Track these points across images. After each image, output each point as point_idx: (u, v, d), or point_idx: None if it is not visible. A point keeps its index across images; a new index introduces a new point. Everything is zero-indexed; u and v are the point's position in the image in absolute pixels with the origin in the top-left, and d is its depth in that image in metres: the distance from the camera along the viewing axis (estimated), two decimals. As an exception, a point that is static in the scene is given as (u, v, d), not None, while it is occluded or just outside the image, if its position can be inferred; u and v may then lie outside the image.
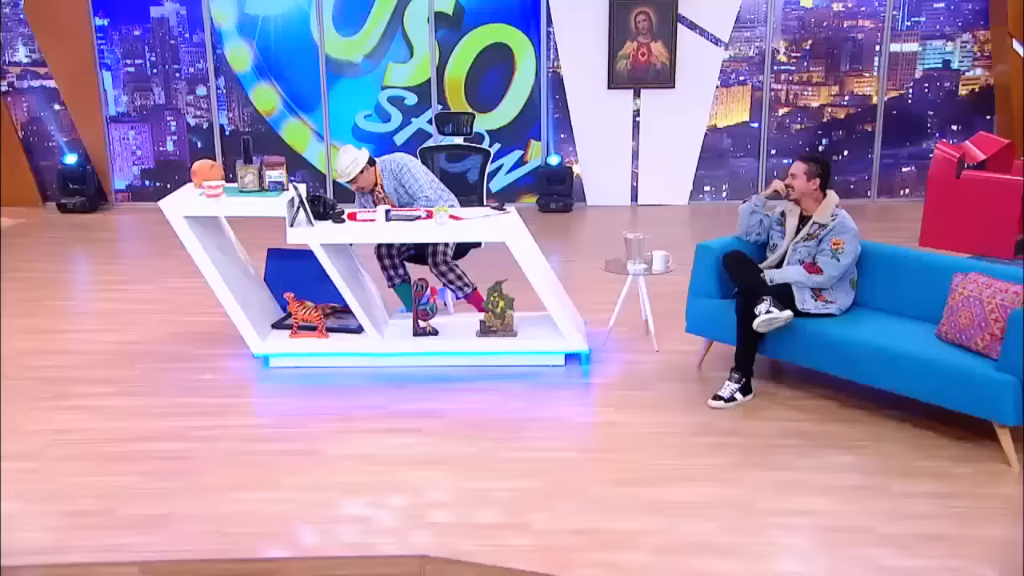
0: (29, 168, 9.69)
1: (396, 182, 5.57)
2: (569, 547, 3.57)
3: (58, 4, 9.23)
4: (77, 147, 9.60)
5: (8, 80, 9.58)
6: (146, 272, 7.47)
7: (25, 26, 9.41)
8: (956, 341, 4.41)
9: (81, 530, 3.67)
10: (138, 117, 9.70)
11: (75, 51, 9.39)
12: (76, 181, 9.48)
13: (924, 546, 3.55)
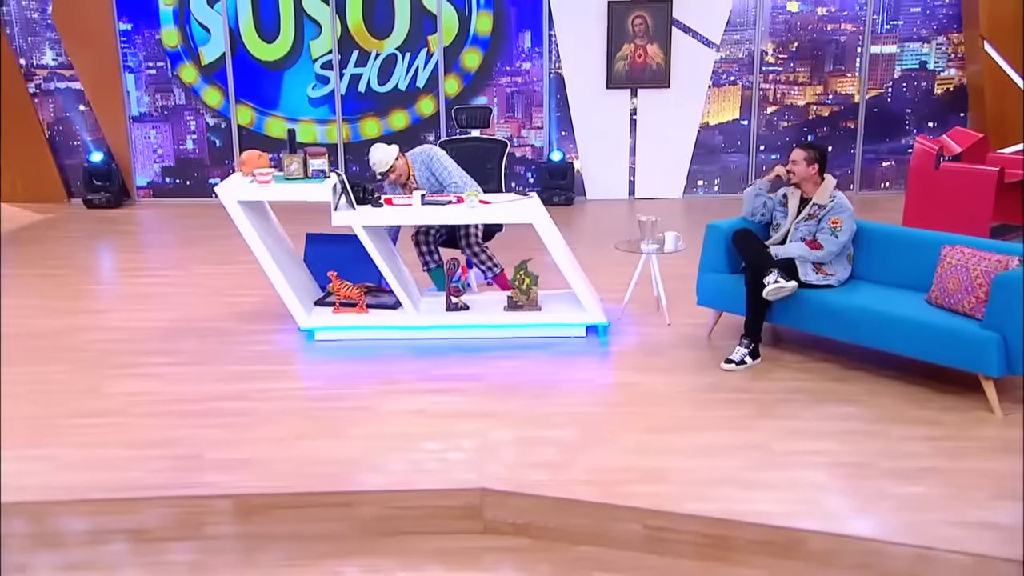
0: (55, 166, 10.01)
1: (427, 171, 5.98)
2: (609, 481, 3.98)
3: (84, 10, 9.57)
4: (102, 146, 9.93)
5: (35, 82, 9.90)
6: (176, 260, 7.82)
7: (52, 31, 9.74)
8: (945, 305, 4.87)
9: (177, 471, 4.05)
10: (159, 117, 10.04)
11: (100, 54, 9.73)
12: (101, 178, 9.81)
13: (921, 477, 3.99)
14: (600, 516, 3.82)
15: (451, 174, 5.98)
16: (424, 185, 6.04)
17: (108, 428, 4.50)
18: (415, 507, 3.92)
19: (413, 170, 6.06)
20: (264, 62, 9.84)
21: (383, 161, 5.92)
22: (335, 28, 9.71)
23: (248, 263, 7.28)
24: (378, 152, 5.95)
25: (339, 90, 9.89)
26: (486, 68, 9.83)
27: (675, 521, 3.74)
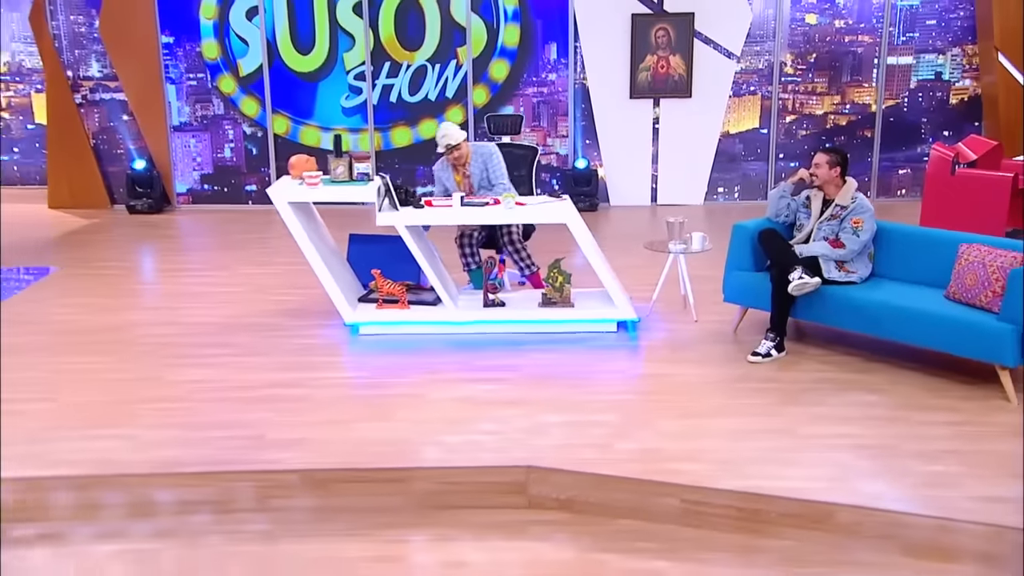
0: (99, 173, 10.34)
1: (483, 166, 6.25)
2: (646, 460, 4.22)
3: (129, 24, 9.90)
4: (144, 154, 10.25)
5: (82, 93, 10.24)
6: (219, 262, 8.10)
7: (99, 44, 10.08)
8: (963, 299, 5.08)
9: (242, 450, 4.31)
10: (199, 126, 10.36)
11: (143, 66, 10.05)
12: (143, 185, 10.12)
13: (941, 457, 4.21)
14: (639, 491, 4.05)
15: (503, 175, 6.28)
16: (474, 177, 6.31)
17: (176, 411, 4.76)
18: (465, 483, 4.16)
19: (470, 158, 6.32)
20: (299, 73, 10.14)
21: (453, 135, 6.18)
22: (368, 40, 10.01)
23: (289, 264, 7.61)
24: (450, 127, 6.23)
25: (371, 100, 10.18)
26: (513, 79, 10.10)
27: (710, 496, 3.97)
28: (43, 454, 4.31)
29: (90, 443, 4.41)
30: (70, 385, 5.16)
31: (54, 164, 10.26)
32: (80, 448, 4.36)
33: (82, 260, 8.06)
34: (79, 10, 10.12)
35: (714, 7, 9.79)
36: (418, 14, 9.95)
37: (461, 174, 6.32)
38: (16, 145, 11.04)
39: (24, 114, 10.97)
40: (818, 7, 10.01)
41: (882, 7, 9.92)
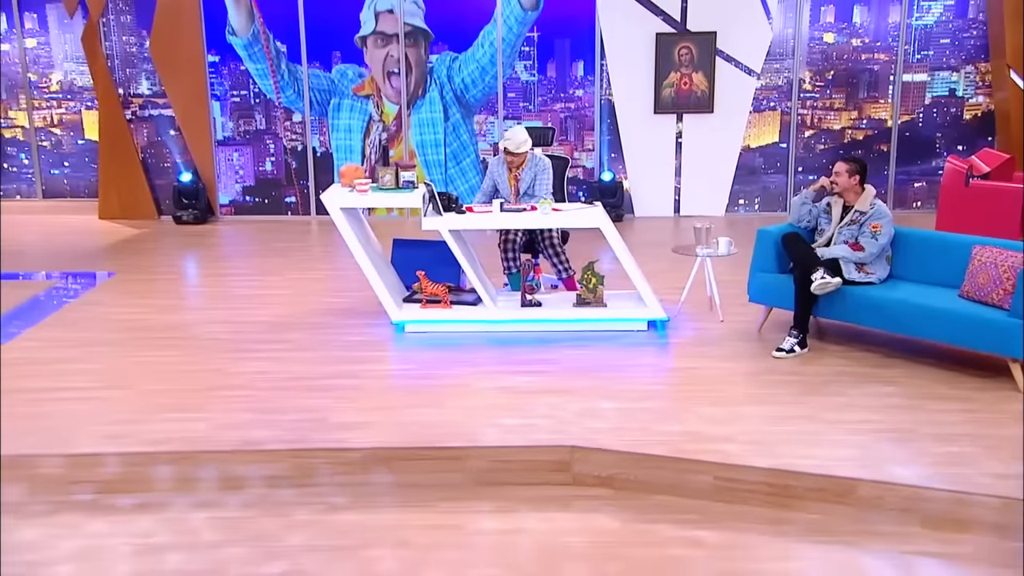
0: (148, 186, 10.75)
1: (533, 174, 6.60)
2: (681, 441, 4.52)
3: (178, 44, 10.32)
4: (190, 167, 10.66)
5: (132, 109, 10.67)
6: (266, 267, 8.46)
7: (148, 63, 10.52)
8: (976, 298, 5.37)
9: (308, 431, 4.64)
10: (242, 141, 10.77)
11: (190, 84, 10.47)
12: (189, 197, 10.52)
13: (956, 440, 4.49)
14: (675, 469, 4.35)
15: (550, 186, 6.66)
16: (523, 181, 6.66)
17: (242, 398, 5.10)
18: (514, 461, 4.47)
19: (526, 165, 6.67)
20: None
21: (523, 141, 6.58)
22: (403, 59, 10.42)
23: (333, 270, 7.97)
24: (520, 133, 6.62)
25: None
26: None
27: (742, 473, 4.26)
28: (132, 434, 4.65)
29: (171, 424, 4.75)
30: (143, 376, 5.51)
31: (105, 177, 10.67)
32: (163, 429, 4.70)
33: (136, 266, 8.44)
34: (131, 31, 10.57)
35: (735, 26, 10.12)
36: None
37: (514, 176, 6.67)
38: (66, 160, 11.47)
39: (75, 130, 11.40)
40: (835, 26, 10.32)
41: (897, 26, 10.23)
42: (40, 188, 11.51)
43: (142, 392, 5.23)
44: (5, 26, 11.02)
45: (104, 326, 6.55)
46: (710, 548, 3.93)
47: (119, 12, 10.53)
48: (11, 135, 11.41)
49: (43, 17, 11.05)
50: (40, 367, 5.68)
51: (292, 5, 10.33)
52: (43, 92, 11.30)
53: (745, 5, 10.07)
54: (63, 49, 11.16)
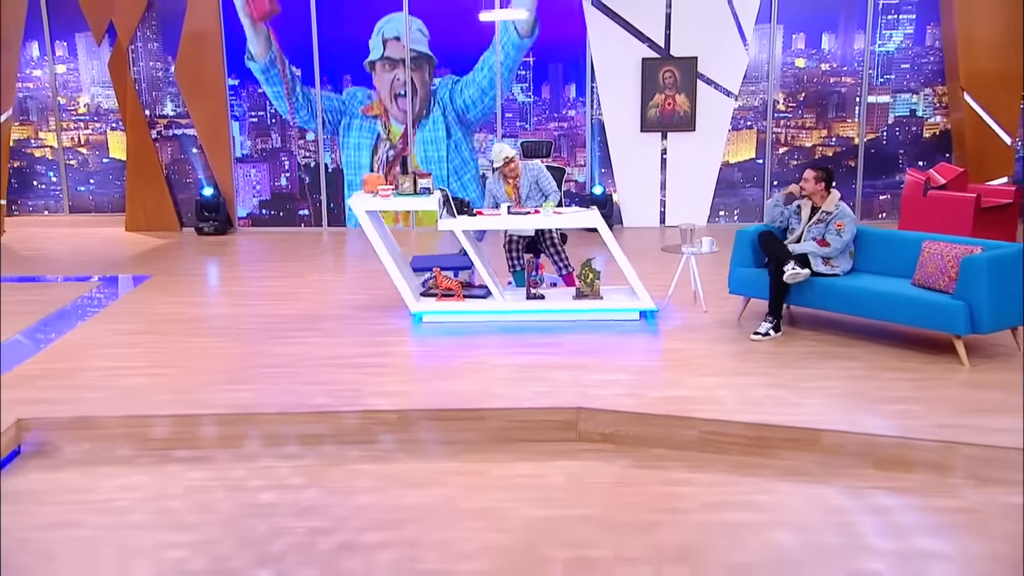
0: (171, 200, 11.36)
1: (533, 181, 7.26)
2: (673, 403, 5.15)
3: (200, 69, 10.98)
4: (211, 182, 11.28)
5: (157, 129, 11.31)
6: (289, 271, 9.06)
7: (173, 86, 11.17)
8: (925, 285, 6.04)
9: (347, 398, 5.26)
10: (259, 158, 11.40)
11: (211, 105, 11.11)
12: (210, 210, 11.14)
13: (905, 401, 5.14)
14: (666, 426, 4.98)
15: (553, 185, 7.34)
16: (522, 188, 7.29)
17: (285, 374, 5.71)
18: (528, 421, 5.09)
19: (521, 174, 7.32)
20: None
21: (504, 153, 7.25)
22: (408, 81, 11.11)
23: (353, 272, 8.61)
24: (504, 146, 7.31)
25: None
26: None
27: (724, 427, 4.90)
28: (189, 402, 5.25)
29: (223, 394, 5.36)
30: (192, 358, 6.11)
31: (132, 192, 11.28)
32: (216, 398, 5.30)
33: (168, 270, 9.04)
34: (158, 57, 11.22)
35: (715, 52, 10.85)
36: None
37: (512, 186, 7.32)
38: (92, 177, 12.06)
39: (100, 150, 12.00)
40: (806, 52, 11.08)
41: (862, 52, 11.00)
42: (67, 204, 12.09)
43: (195, 370, 5.84)
44: (37, 53, 11.65)
45: (150, 319, 7.14)
46: (699, 486, 4.56)
47: (147, 40, 11.18)
48: (41, 155, 12.00)
49: (72, 45, 11.68)
50: (103, 350, 6.28)
51: (307, 32, 11.01)
52: (71, 114, 11.91)
53: (723, 32, 10.81)
54: (90, 74, 11.77)
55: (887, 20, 10.91)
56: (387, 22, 11.01)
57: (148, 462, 4.88)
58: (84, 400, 5.30)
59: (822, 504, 4.35)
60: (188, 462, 4.87)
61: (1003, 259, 5.70)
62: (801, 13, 10.94)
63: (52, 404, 5.23)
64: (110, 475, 4.74)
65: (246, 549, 3.96)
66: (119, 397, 5.35)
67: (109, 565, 3.95)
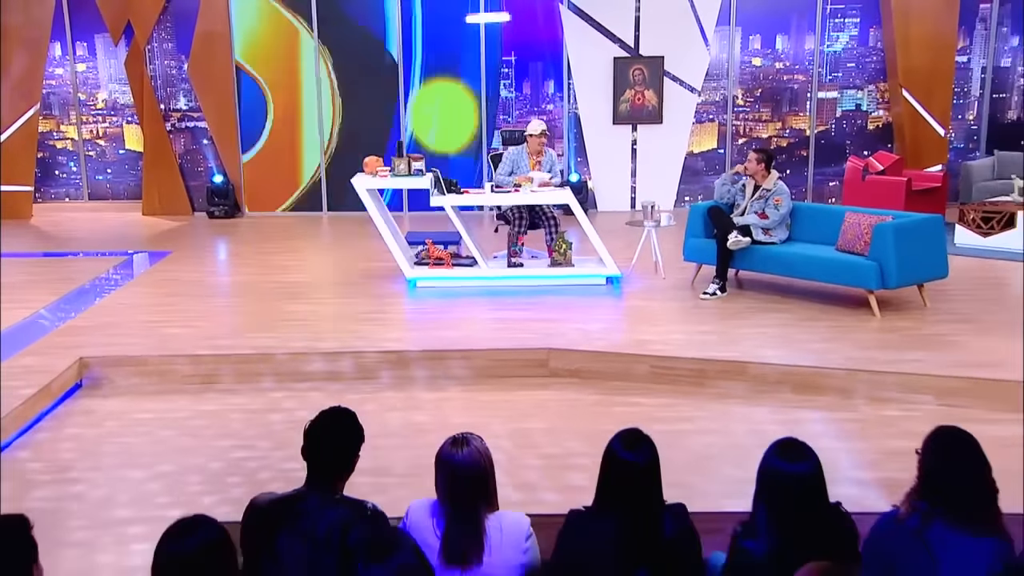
0: (184, 187, 12.16)
1: (552, 160, 8.08)
2: (630, 345, 6.03)
3: (211, 66, 11.76)
4: (221, 171, 12.08)
5: (171, 122, 12.10)
6: (296, 247, 9.85)
7: (186, 83, 11.96)
8: (846, 249, 6.94)
9: (359, 342, 6.11)
10: (264, 148, 12.20)
11: (221, 100, 11.90)
12: (220, 196, 11.92)
13: (823, 342, 6.04)
14: (624, 362, 5.86)
15: (558, 169, 8.17)
16: (543, 165, 8.05)
17: (304, 325, 6.57)
18: (507, 360, 5.96)
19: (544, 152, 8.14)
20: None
21: (541, 127, 8.04)
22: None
23: (352, 249, 9.42)
24: (540, 123, 8.10)
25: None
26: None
27: (671, 362, 5.78)
28: (220, 346, 6.10)
29: (248, 340, 6.20)
30: (218, 314, 6.96)
31: (148, 179, 12.07)
32: (243, 343, 6.15)
33: (186, 247, 9.85)
34: (172, 56, 12.01)
35: (679, 51, 11.72)
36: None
37: (536, 161, 8.11)
38: (109, 167, 12.79)
39: (117, 141, 12.74)
40: (762, 52, 11.97)
41: (812, 52, 11.89)
42: (86, 191, 12.84)
43: (221, 323, 6.69)
44: (60, 53, 12.40)
45: (177, 285, 7.96)
46: (647, 406, 5.43)
47: (162, 40, 11.96)
48: (62, 146, 12.75)
49: (91, 45, 12.43)
50: (141, 309, 7.12)
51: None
52: (90, 109, 12.65)
53: (687, 34, 11.68)
54: (108, 72, 12.52)
55: (834, 23, 11.81)
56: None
57: (184, 393, 5.73)
58: (132, 344, 6.14)
59: (744, 418, 5.24)
60: (218, 393, 5.72)
61: (908, 226, 6.62)
62: (757, 16, 11.82)
63: (105, 347, 6.05)
64: (152, 402, 5.58)
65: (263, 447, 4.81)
66: (161, 342, 6.19)
67: (142, 460, 4.79)
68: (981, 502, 2.50)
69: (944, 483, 2.51)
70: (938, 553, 2.47)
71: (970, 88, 11.83)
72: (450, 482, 2.56)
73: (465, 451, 2.57)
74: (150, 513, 4.18)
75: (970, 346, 5.90)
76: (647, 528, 2.52)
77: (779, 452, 2.63)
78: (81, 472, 4.64)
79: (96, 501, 4.33)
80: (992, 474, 2.54)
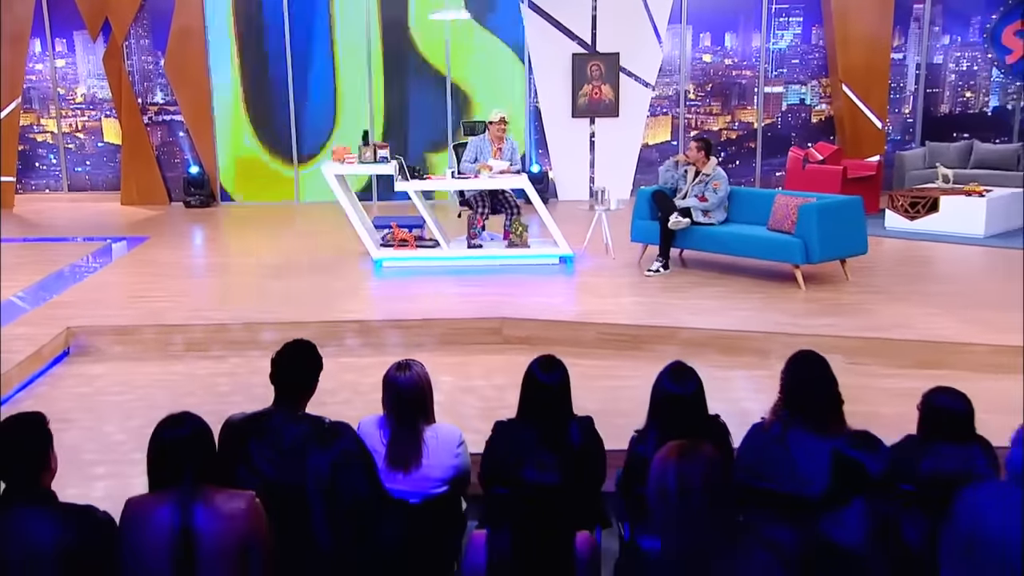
0: (161, 177, 12.51)
1: (512, 148, 8.53)
2: (578, 315, 6.53)
3: (187, 62, 12.12)
4: (197, 162, 12.44)
5: (148, 115, 12.44)
6: (270, 233, 10.27)
7: (163, 78, 12.31)
8: (776, 228, 7.48)
9: (332, 313, 6.56)
10: (239, 141, 12.58)
11: (196, 94, 12.27)
12: (196, 186, 12.30)
13: (751, 311, 6.57)
14: (571, 329, 6.36)
15: (516, 159, 8.60)
16: (504, 153, 8.50)
17: (278, 299, 7.00)
18: (463, 328, 6.43)
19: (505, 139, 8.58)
20: (318, 100, 12.43)
21: (501, 113, 8.49)
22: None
23: (322, 235, 9.84)
24: (500, 112, 8.55)
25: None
26: (483, 103, 12.50)
27: (613, 329, 6.29)
28: (200, 317, 6.53)
29: (235, 312, 6.64)
30: (199, 290, 7.39)
31: (126, 170, 12.41)
32: (222, 315, 6.58)
33: (164, 233, 10.22)
34: (149, 52, 12.35)
35: (634, 48, 12.24)
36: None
37: (497, 148, 8.57)
38: (88, 159, 13.12)
39: (95, 135, 13.06)
40: (712, 49, 12.52)
41: (759, 49, 12.46)
42: (66, 183, 13.15)
43: (202, 297, 7.11)
44: (39, 49, 12.70)
45: (158, 266, 8.36)
46: (591, 367, 5.88)
47: (139, 36, 12.31)
48: (42, 139, 13.05)
49: (71, 42, 12.74)
50: (124, 285, 7.52)
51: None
52: (69, 103, 12.97)
53: (640, 31, 12.20)
54: (87, 68, 12.84)
55: (779, 22, 12.38)
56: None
57: (166, 359, 6.15)
58: (117, 315, 6.55)
59: (676, 376, 5.75)
60: (198, 359, 6.16)
61: (830, 207, 7.18)
62: (707, 14, 12.36)
63: (91, 318, 6.46)
64: (137, 367, 6.00)
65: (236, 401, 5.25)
66: (145, 314, 6.61)
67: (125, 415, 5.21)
68: (829, 411, 3.02)
69: (800, 396, 3.03)
70: (794, 452, 2.98)
71: (905, 83, 12.45)
72: (394, 400, 3.03)
73: (407, 374, 3.05)
74: (113, 457, 4.60)
75: (880, 312, 6.46)
76: (558, 435, 3.01)
77: (669, 375, 3.13)
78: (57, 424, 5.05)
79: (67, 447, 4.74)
80: (838, 388, 3.06)
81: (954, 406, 2.96)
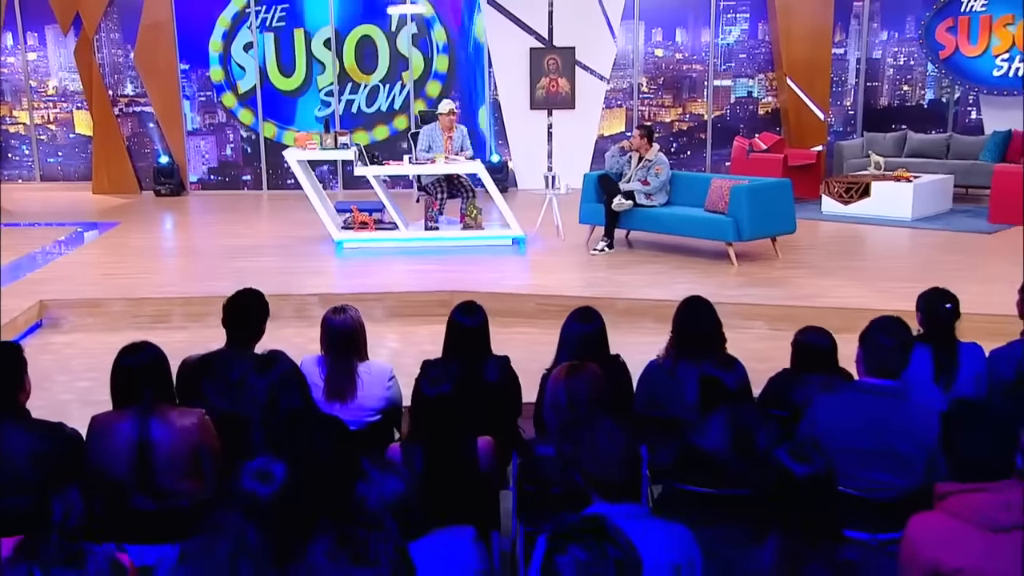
0: (132, 167, 12.75)
1: (462, 136, 8.86)
2: (523, 288, 6.92)
3: (156, 55, 12.36)
4: (166, 152, 12.69)
5: (119, 107, 12.67)
6: (237, 219, 10.55)
7: (132, 70, 12.54)
8: (712, 209, 7.92)
9: (297, 288, 6.90)
10: (207, 131, 12.84)
11: (166, 86, 12.51)
12: (166, 175, 12.54)
13: (686, 283, 6.98)
14: (515, 300, 6.75)
15: (469, 145, 8.93)
16: (455, 141, 8.81)
17: (246, 277, 7.26)
18: (415, 301, 6.80)
19: (455, 131, 8.92)
20: (283, 91, 12.70)
21: (450, 105, 8.87)
22: (335, 66, 12.66)
23: (287, 221, 10.16)
24: (449, 104, 8.92)
25: (338, 111, 12.79)
26: (444, 94, 12.81)
27: (552, 300, 6.67)
28: (168, 292, 6.84)
29: (194, 286, 6.97)
30: (167, 269, 7.72)
31: (98, 160, 12.63)
32: (189, 289, 6.90)
33: (134, 220, 10.48)
34: (119, 45, 12.58)
35: (589, 42, 12.64)
36: (372, 48, 12.64)
37: (447, 137, 8.93)
38: (60, 150, 13.31)
39: (67, 126, 13.25)
40: (663, 43, 12.96)
41: (708, 44, 12.91)
42: (39, 173, 13.33)
43: (169, 274, 7.43)
44: (11, 42, 12.88)
45: (128, 249, 8.66)
46: (532, 334, 6.28)
47: (109, 30, 12.53)
48: (15, 131, 13.23)
49: (42, 35, 12.93)
50: (95, 264, 7.82)
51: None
52: (41, 96, 13.15)
53: (595, 27, 12.60)
54: (58, 61, 13.03)
55: (727, 18, 12.84)
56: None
57: (134, 330, 6.41)
58: (87, 290, 6.85)
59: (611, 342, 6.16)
60: (166, 329, 6.47)
61: (759, 188, 7.63)
62: (658, 11, 12.79)
63: (63, 293, 6.76)
64: (106, 337, 6.28)
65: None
66: (114, 289, 6.92)
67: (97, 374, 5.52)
68: (713, 346, 3.43)
69: (687, 333, 3.43)
70: (683, 383, 3.39)
71: (847, 77, 12.95)
72: (331, 339, 3.40)
73: (343, 316, 3.42)
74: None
75: (802, 285, 6.92)
76: (477, 371, 3.40)
77: (575, 317, 3.52)
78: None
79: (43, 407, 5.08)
80: (722, 329, 3.47)
81: (819, 342, 3.39)
